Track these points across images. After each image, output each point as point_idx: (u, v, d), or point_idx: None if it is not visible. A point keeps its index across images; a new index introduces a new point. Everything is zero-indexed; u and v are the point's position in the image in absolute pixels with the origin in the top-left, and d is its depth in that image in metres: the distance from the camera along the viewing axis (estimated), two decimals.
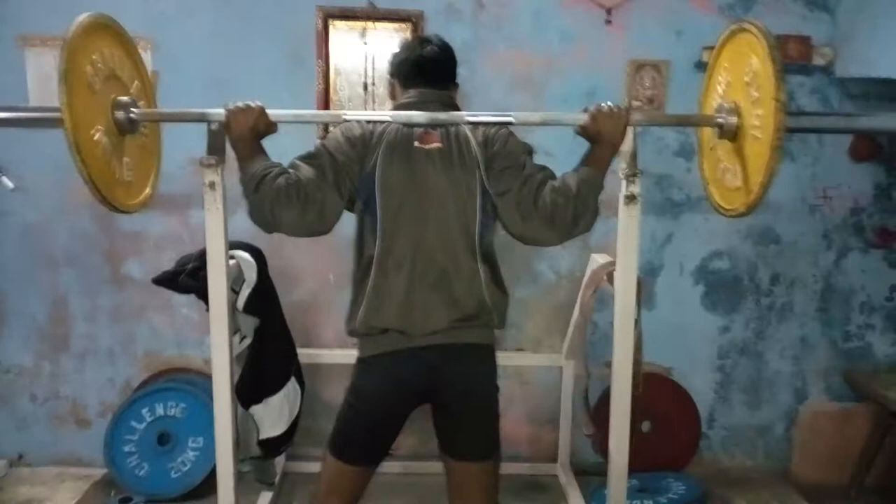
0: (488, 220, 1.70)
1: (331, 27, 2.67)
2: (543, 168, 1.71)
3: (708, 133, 1.88)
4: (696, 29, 2.71)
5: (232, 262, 2.03)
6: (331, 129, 1.75)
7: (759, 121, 1.59)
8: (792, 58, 2.68)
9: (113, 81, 1.69)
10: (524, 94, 2.76)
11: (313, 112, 1.76)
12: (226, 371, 1.81)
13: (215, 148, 1.73)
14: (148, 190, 1.89)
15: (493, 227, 1.74)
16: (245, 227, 1.80)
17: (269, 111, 1.68)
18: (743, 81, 1.67)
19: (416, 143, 1.67)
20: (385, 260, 1.65)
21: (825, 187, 2.87)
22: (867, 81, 2.63)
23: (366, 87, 2.70)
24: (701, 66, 2.70)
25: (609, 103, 1.67)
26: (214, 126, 1.72)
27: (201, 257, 1.92)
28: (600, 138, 1.66)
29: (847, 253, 2.93)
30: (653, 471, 2.83)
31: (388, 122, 1.70)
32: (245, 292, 2.09)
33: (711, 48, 2.62)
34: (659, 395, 2.92)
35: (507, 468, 1.95)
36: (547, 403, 2.98)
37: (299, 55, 2.69)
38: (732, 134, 1.70)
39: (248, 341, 2.18)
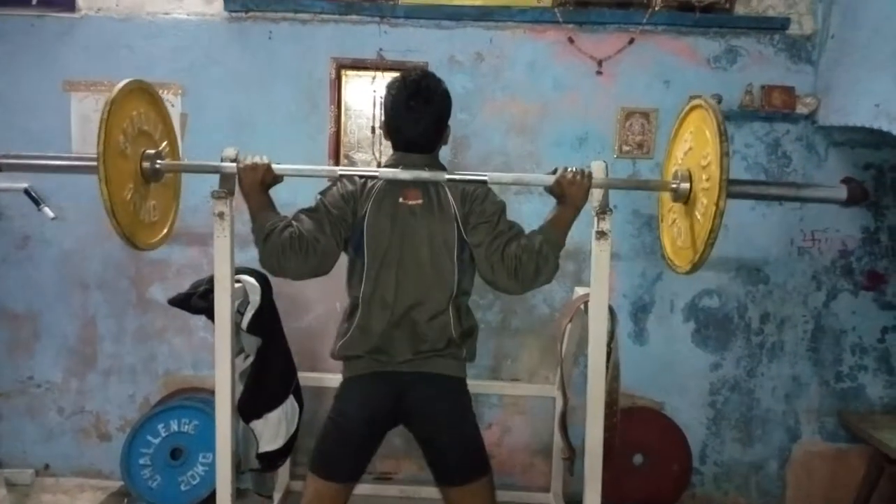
0: (465, 267, 1.90)
1: (343, 76, 2.91)
2: (513, 225, 1.90)
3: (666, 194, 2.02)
4: (683, 79, 2.87)
5: (238, 285, 2.23)
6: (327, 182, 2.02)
7: (706, 197, 1.71)
8: (776, 106, 2.82)
9: (143, 137, 1.92)
10: (520, 138, 2.94)
11: (312, 167, 2.03)
12: (227, 374, 2.06)
13: (226, 182, 1.97)
14: (166, 229, 2.11)
15: (471, 273, 1.93)
16: (253, 255, 1.97)
17: (274, 165, 1.89)
18: (699, 162, 1.78)
19: (401, 199, 1.87)
20: (370, 300, 1.88)
21: (813, 230, 2.95)
22: (848, 129, 2.74)
23: (373, 130, 2.92)
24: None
25: (574, 168, 1.84)
26: (227, 170, 1.96)
27: (212, 281, 2.13)
28: (564, 199, 1.85)
29: (837, 294, 2.98)
30: (642, 502, 2.90)
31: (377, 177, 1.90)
32: (249, 313, 2.28)
33: (698, 97, 2.81)
34: (651, 429, 3.00)
35: (500, 496, 2.06)
36: (540, 433, 3.08)
37: (314, 101, 2.94)
38: (685, 198, 1.84)
39: (250, 360, 2.36)
